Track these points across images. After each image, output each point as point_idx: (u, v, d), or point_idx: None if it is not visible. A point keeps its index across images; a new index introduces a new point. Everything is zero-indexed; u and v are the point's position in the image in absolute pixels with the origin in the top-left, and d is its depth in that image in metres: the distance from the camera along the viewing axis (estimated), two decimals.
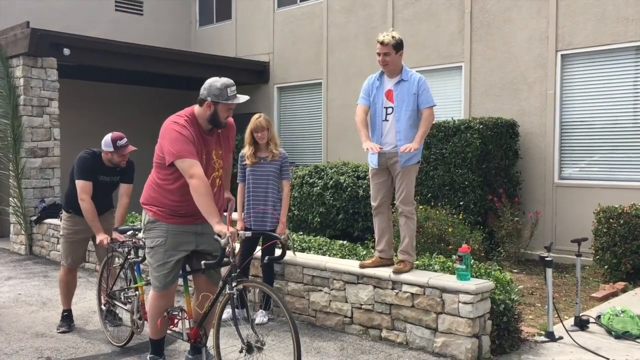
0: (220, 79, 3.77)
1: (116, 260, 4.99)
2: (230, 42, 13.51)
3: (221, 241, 3.41)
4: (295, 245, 5.87)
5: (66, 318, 5.34)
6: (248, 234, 3.82)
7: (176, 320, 4.02)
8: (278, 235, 3.97)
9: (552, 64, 8.50)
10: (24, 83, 9.27)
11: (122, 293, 4.88)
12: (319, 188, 8.75)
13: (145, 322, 4.40)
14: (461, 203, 8.06)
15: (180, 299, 4.98)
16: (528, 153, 8.77)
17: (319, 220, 8.67)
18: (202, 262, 3.56)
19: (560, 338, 4.74)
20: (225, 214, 3.81)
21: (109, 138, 4.95)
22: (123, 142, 4.96)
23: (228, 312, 3.92)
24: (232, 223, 3.74)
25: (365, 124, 4.87)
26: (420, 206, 7.38)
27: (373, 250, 5.32)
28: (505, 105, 9.00)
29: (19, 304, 6.23)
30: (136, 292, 4.62)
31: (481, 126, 8.09)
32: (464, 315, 4.33)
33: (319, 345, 4.78)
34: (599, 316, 5.09)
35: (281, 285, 5.58)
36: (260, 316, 5.37)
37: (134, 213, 8.16)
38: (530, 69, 8.75)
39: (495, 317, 4.49)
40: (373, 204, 5.02)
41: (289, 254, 5.44)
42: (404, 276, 4.71)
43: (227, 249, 3.48)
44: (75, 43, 9.88)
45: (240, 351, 3.59)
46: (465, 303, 4.32)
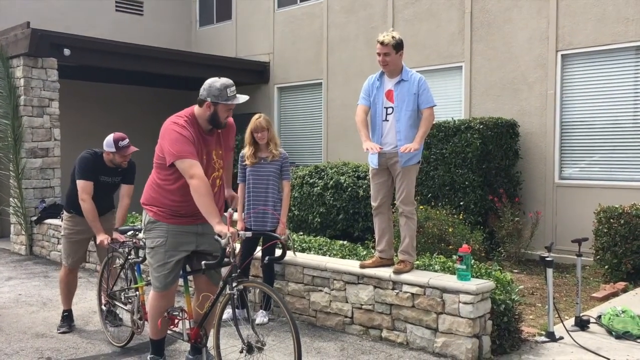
0: (219, 79, 3.77)
1: (117, 260, 4.98)
2: (230, 42, 13.51)
3: (221, 241, 3.40)
4: (295, 246, 5.86)
5: (66, 318, 5.34)
6: (248, 234, 3.81)
7: (176, 320, 4.02)
8: (278, 236, 3.97)
9: (553, 64, 8.50)
10: (24, 83, 9.27)
11: (123, 293, 4.88)
12: (319, 188, 8.75)
13: (146, 323, 4.40)
14: (461, 203, 8.06)
15: (181, 299, 4.98)
16: (528, 153, 8.77)
17: (319, 220, 8.66)
18: (203, 263, 3.56)
19: (561, 338, 4.74)
20: (226, 214, 3.80)
21: (110, 138, 4.95)
22: (125, 143, 4.96)
23: (228, 313, 3.91)
24: (233, 223, 3.73)
25: (365, 124, 4.87)
26: (421, 206, 7.37)
27: (373, 251, 5.32)
28: (506, 105, 9.00)
29: (19, 304, 6.23)
30: (136, 293, 4.62)
31: (481, 126, 8.09)
32: (464, 315, 4.33)
33: (320, 346, 4.78)
34: (599, 316, 5.09)
35: (281, 286, 5.58)
36: (260, 316, 5.37)
37: (134, 213, 8.16)
38: (531, 69, 8.74)
39: (495, 317, 4.49)
40: (373, 204, 5.02)
41: (289, 254, 5.44)
42: (405, 276, 4.71)
43: (228, 249, 3.47)
44: (75, 43, 9.89)
45: (241, 351, 3.59)
46: (465, 303, 4.32)
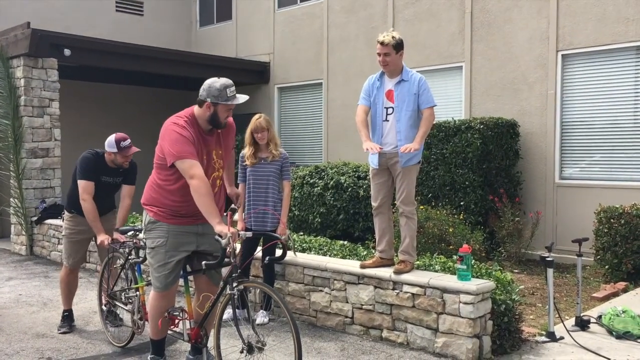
0: (219, 79, 3.77)
1: (117, 260, 4.99)
2: (230, 43, 13.51)
3: (222, 241, 3.40)
4: (295, 246, 5.86)
5: (67, 318, 5.34)
6: (249, 234, 3.81)
7: (177, 320, 4.02)
8: (279, 236, 3.96)
9: (553, 64, 8.50)
10: (24, 84, 9.27)
11: (123, 293, 4.88)
12: (319, 188, 8.75)
13: (146, 323, 4.41)
14: (462, 203, 8.06)
15: (181, 300, 4.98)
16: (529, 153, 8.77)
17: (319, 220, 8.66)
18: (203, 263, 3.56)
19: (561, 338, 4.73)
20: (227, 213, 3.80)
21: (112, 139, 4.95)
22: (127, 143, 4.96)
23: (229, 313, 3.92)
24: (233, 223, 3.73)
25: (365, 124, 4.87)
26: (421, 206, 7.37)
27: (374, 251, 5.32)
28: (506, 105, 9.00)
29: (19, 304, 6.23)
30: (137, 293, 4.62)
31: (482, 126, 8.09)
32: (464, 315, 4.33)
33: (320, 346, 4.78)
34: (600, 316, 5.09)
35: (282, 286, 5.58)
36: (261, 316, 5.37)
37: (134, 213, 8.16)
38: (531, 69, 8.74)
39: (496, 318, 4.48)
40: (374, 204, 5.02)
41: (289, 255, 5.43)
42: (405, 276, 4.71)
43: (228, 249, 3.48)
44: (75, 43, 9.89)
45: (241, 351, 3.59)
46: (466, 303, 4.32)
